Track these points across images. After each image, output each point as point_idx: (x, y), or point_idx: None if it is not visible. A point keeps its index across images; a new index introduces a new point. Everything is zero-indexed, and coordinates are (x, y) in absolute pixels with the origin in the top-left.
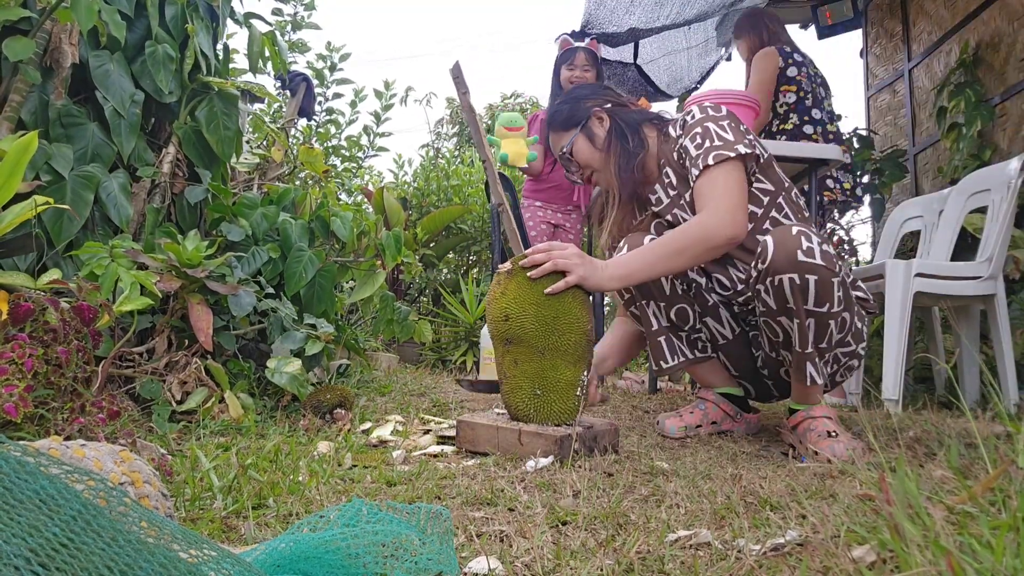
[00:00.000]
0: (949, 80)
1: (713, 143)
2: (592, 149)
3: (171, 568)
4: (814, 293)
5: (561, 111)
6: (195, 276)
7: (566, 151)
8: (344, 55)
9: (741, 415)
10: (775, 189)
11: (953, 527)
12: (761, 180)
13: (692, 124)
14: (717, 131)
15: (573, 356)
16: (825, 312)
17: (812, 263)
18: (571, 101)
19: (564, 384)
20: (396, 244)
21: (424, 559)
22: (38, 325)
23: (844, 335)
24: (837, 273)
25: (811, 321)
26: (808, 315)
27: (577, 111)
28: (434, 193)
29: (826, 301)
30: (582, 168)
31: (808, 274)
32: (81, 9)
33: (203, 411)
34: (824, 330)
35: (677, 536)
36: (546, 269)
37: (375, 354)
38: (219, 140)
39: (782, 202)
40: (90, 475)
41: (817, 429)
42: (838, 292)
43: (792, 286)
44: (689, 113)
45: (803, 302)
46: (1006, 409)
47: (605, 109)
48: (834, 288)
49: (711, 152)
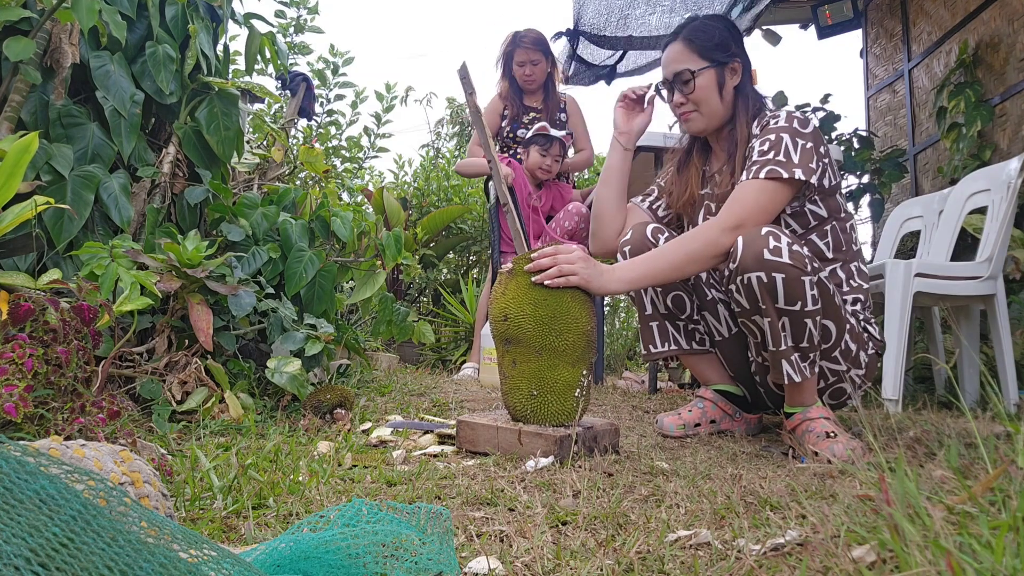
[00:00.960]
0: (949, 80)
1: (776, 157)
2: (715, 93)
3: (171, 568)
4: (783, 291)
5: (708, 33)
6: (195, 276)
7: (691, 75)
8: (348, 59)
9: (740, 414)
10: (827, 216)
11: (953, 527)
12: (817, 204)
13: (771, 128)
14: (788, 146)
15: (571, 357)
16: (799, 311)
17: (778, 261)
18: (724, 30)
19: (562, 385)
20: (396, 244)
21: (424, 559)
22: (38, 325)
23: (832, 346)
24: (808, 272)
25: (784, 320)
26: (780, 313)
27: (725, 48)
28: (434, 193)
29: (797, 299)
30: (690, 100)
31: (775, 272)
32: (82, 9)
33: (203, 411)
34: (800, 329)
35: (677, 536)
36: (551, 275)
37: (375, 354)
38: (219, 140)
39: (828, 230)
40: (90, 475)
41: (815, 430)
42: (811, 291)
43: (760, 284)
44: (775, 117)
45: (772, 300)
46: (1006, 409)
47: (743, 65)
48: (805, 287)
49: (767, 166)
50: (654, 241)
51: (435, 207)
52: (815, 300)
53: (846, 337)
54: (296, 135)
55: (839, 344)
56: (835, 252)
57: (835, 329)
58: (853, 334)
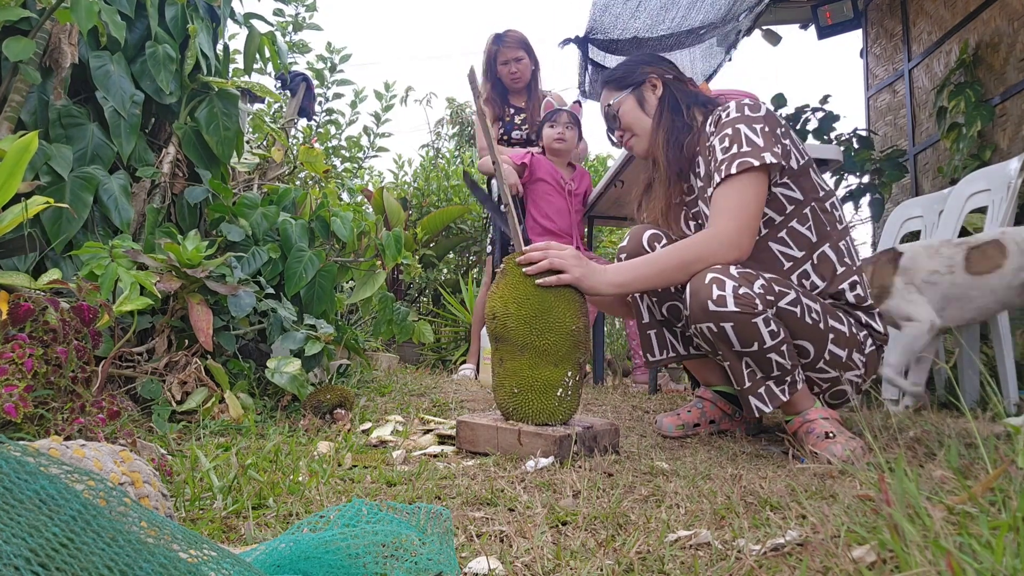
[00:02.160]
0: (949, 80)
1: (741, 148)
2: (640, 113)
3: (171, 568)
4: (735, 337)
5: (617, 70)
6: (195, 276)
7: (613, 108)
8: (345, 56)
9: (739, 414)
10: (803, 198)
11: (953, 527)
12: (789, 187)
13: (725, 123)
14: (748, 134)
15: (554, 356)
16: (757, 350)
17: (723, 311)
18: (629, 63)
19: (542, 384)
20: (396, 244)
21: (424, 559)
22: (38, 325)
23: (813, 361)
24: (759, 311)
25: (746, 359)
26: (739, 356)
27: (633, 72)
28: (434, 193)
29: (753, 341)
30: (623, 130)
31: (723, 322)
32: (81, 9)
33: (203, 411)
34: (766, 364)
35: (677, 536)
36: (542, 267)
37: (375, 354)
38: (219, 140)
39: (808, 212)
40: (90, 475)
41: (815, 431)
42: (768, 328)
43: (712, 333)
44: (725, 109)
45: (728, 346)
46: (1006, 410)
47: (663, 78)
48: (759, 328)
49: (736, 159)
50: (649, 248)
51: (435, 207)
52: (774, 335)
53: (830, 347)
54: (296, 135)
55: (822, 356)
56: (819, 235)
57: (813, 346)
58: (841, 340)
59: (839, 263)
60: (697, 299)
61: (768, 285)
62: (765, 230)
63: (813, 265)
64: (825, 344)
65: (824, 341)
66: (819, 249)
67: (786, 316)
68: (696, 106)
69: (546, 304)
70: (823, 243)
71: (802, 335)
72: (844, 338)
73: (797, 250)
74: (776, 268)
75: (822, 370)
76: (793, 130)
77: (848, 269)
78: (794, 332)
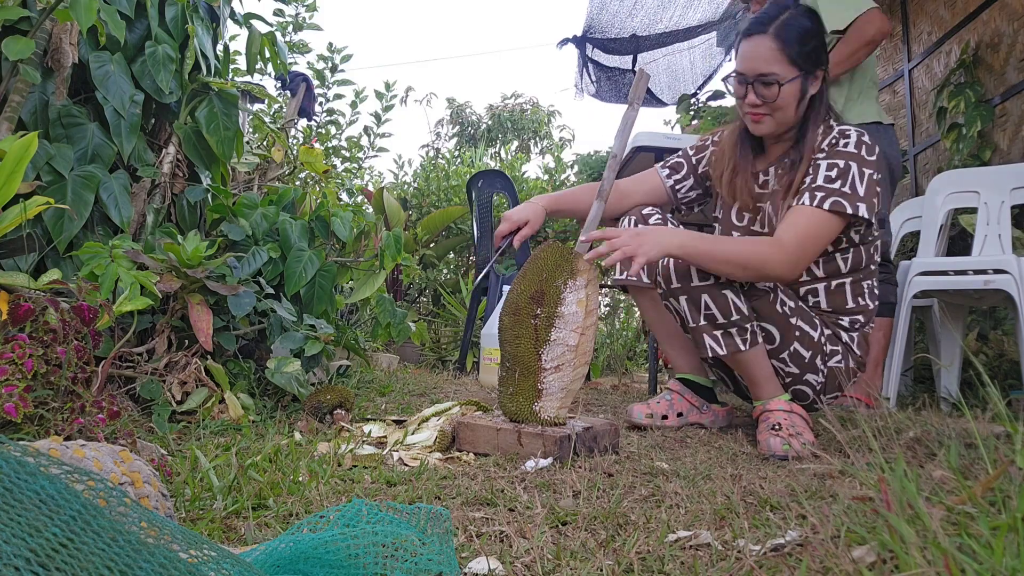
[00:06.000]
0: (949, 80)
1: (842, 187)
2: (796, 102)
3: (171, 568)
4: None
5: (803, 39)
6: (195, 276)
7: (777, 79)
8: (345, 56)
9: (708, 407)
10: (858, 241)
11: (953, 527)
12: (857, 230)
13: (840, 152)
14: (855, 177)
15: (522, 364)
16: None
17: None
18: (817, 37)
19: (514, 387)
20: (396, 244)
21: (424, 559)
22: (38, 325)
23: (778, 350)
24: None
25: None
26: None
27: (819, 56)
28: (434, 193)
29: None
30: (766, 103)
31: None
32: (80, 8)
33: (203, 411)
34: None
35: (677, 536)
36: (614, 259)
37: (375, 354)
38: (219, 140)
39: (851, 251)
40: (90, 475)
41: (768, 420)
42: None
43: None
44: (846, 137)
45: None
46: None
47: (824, 74)
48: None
49: (832, 197)
50: None
51: (435, 207)
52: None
53: (795, 345)
54: (296, 135)
55: (787, 348)
56: (851, 269)
57: (778, 333)
58: (807, 342)
59: (852, 300)
60: None
61: None
62: (826, 270)
63: (827, 289)
64: (791, 336)
65: (790, 334)
66: (840, 280)
67: (757, 297)
68: (830, 115)
69: (521, 316)
70: (847, 277)
71: (769, 319)
72: (811, 342)
73: (821, 271)
74: None
75: (784, 361)
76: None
77: (859, 307)
78: (761, 314)
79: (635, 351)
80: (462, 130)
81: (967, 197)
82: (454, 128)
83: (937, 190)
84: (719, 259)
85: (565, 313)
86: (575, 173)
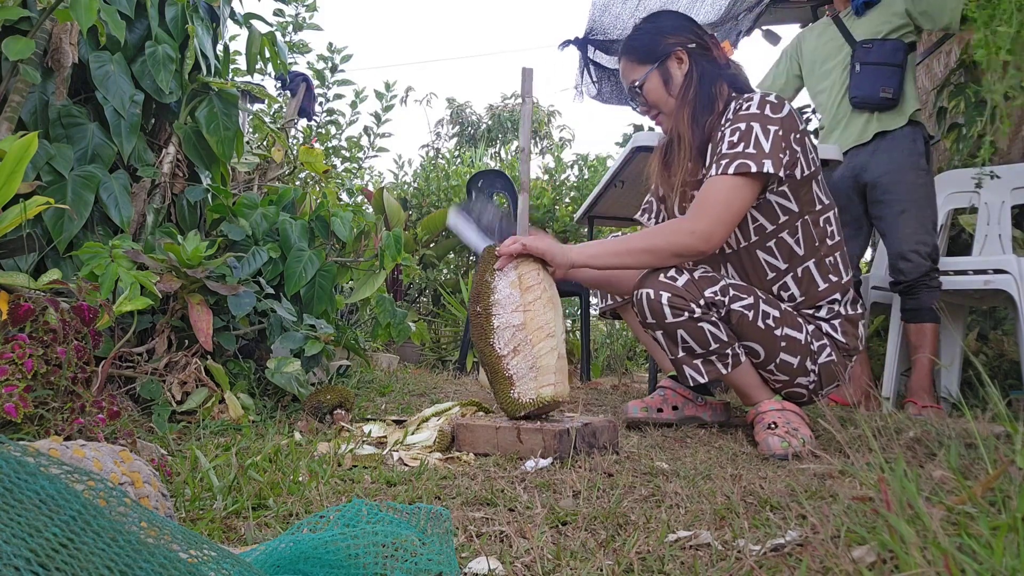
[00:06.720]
0: (949, 80)
1: (746, 148)
2: (665, 92)
3: (171, 568)
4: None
5: (639, 40)
6: (195, 276)
7: (637, 85)
8: (345, 56)
9: (703, 399)
10: (798, 210)
11: (953, 527)
12: (787, 197)
13: (742, 115)
14: (758, 135)
15: (488, 361)
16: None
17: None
18: (652, 32)
19: (494, 384)
20: (396, 244)
21: (424, 559)
22: (38, 325)
23: (764, 363)
24: (700, 316)
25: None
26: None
27: (657, 46)
28: (434, 193)
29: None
30: (650, 107)
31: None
32: (80, 8)
33: (203, 411)
34: (703, 340)
35: (677, 536)
36: (507, 248)
37: (375, 354)
38: (219, 140)
39: (799, 225)
40: (90, 475)
41: (764, 421)
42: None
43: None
44: (748, 101)
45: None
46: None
47: (688, 50)
48: (705, 329)
49: (736, 160)
50: None
51: (435, 207)
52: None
53: (782, 355)
54: (296, 135)
55: (773, 360)
56: (807, 249)
57: (763, 349)
58: (794, 347)
59: (822, 280)
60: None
61: (724, 287)
62: (755, 237)
63: (795, 278)
64: (776, 348)
65: (775, 346)
66: (804, 264)
67: (737, 318)
68: (720, 81)
69: (477, 318)
70: (809, 258)
71: (751, 338)
72: (798, 346)
73: (781, 261)
74: (760, 276)
75: (772, 372)
76: (810, 135)
77: (832, 285)
78: (743, 334)
79: (635, 351)
80: (462, 130)
81: (967, 197)
82: (454, 128)
83: (937, 190)
84: (622, 252)
85: (500, 299)
86: (575, 174)
